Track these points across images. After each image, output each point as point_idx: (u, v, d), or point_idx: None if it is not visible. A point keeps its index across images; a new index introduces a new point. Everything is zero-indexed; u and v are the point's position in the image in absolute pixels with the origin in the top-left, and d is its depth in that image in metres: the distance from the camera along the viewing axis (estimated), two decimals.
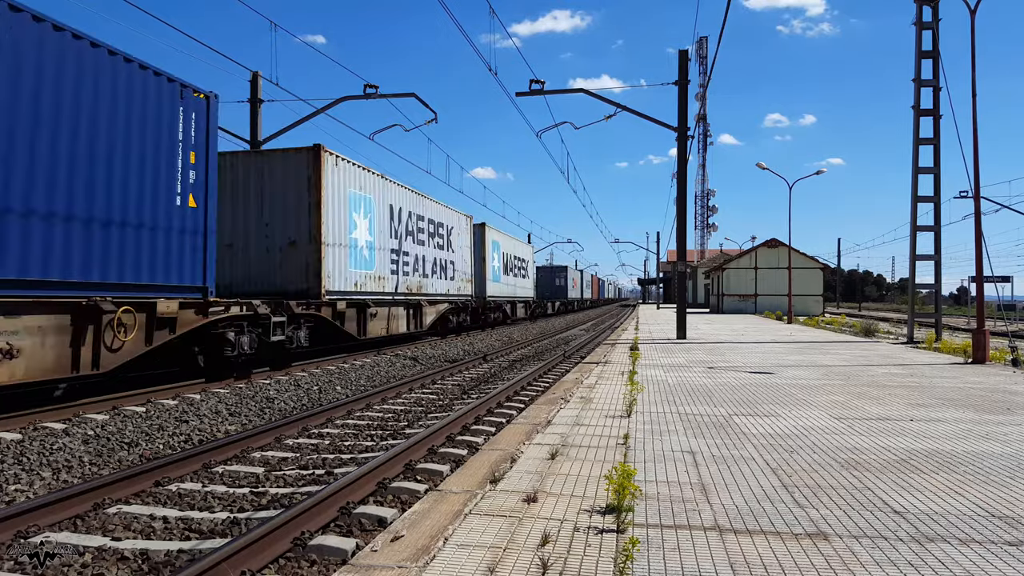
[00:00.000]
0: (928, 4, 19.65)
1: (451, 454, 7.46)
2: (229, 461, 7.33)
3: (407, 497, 5.93)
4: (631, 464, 5.55)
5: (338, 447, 8.06)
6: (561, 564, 3.58)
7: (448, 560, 3.67)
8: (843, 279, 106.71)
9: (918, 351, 17.78)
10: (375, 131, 24.87)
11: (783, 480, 5.19)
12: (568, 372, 13.83)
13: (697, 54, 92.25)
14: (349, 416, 10.00)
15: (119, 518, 5.43)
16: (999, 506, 4.58)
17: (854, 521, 4.24)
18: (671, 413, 8.10)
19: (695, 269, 75.47)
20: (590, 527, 4.15)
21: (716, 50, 17.70)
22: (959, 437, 6.81)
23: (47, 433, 8.24)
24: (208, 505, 5.83)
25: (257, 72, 20.89)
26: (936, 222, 20.84)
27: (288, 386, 12.48)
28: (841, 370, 12.78)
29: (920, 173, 20.25)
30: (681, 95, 21.27)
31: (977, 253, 15.26)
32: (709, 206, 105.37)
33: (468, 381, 13.91)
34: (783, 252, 48.64)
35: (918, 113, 19.98)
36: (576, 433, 6.99)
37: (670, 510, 4.48)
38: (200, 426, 9.16)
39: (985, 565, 3.57)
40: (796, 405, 8.70)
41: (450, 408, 10.69)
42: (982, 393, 9.85)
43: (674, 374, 12.06)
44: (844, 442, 6.52)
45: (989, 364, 14.12)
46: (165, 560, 4.59)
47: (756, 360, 14.71)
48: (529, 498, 4.72)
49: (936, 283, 21.86)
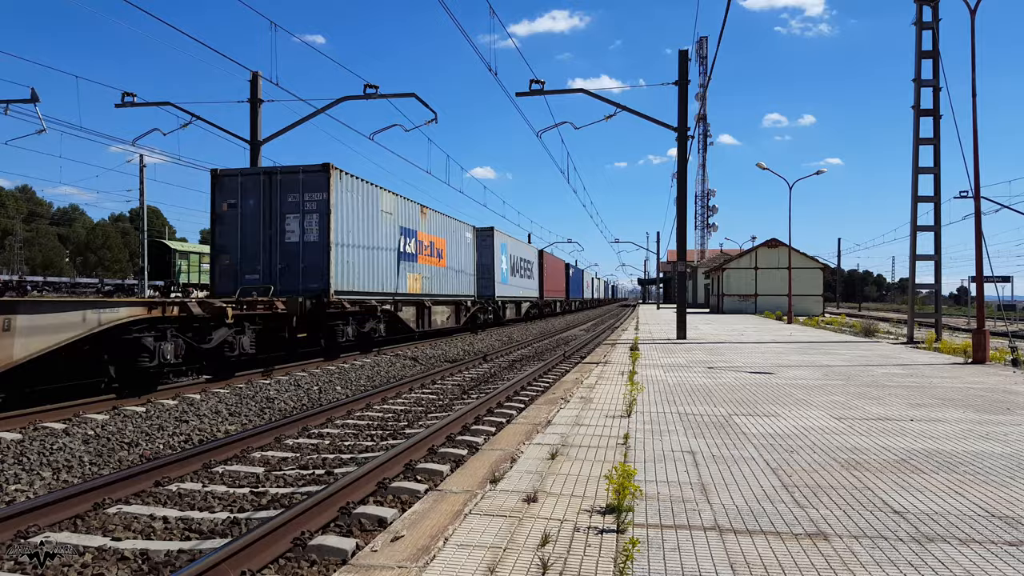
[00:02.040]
0: (928, 4, 19.65)
1: (451, 454, 7.45)
2: (229, 461, 7.33)
3: (407, 497, 5.93)
4: (631, 464, 5.55)
5: (338, 447, 8.06)
6: (561, 564, 3.58)
7: (448, 560, 3.67)
8: (843, 279, 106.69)
9: (918, 351, 17.78)
10: (375, 131, 24.88)
11: (783, 480, 5.19)
12: (568, 372, 13.83)
13: (697, 54, 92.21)
14: (349, 416, 10.00)
15: (119, 518, 5.44)
16: (999, 506, 4.58)
17: (854, 521, 4.24)
18: (671, 413, 8.09)
19: (695, 269, 75.47)
20: (590, 527, 4.15)
21: (716, 50, 17.71)
22: (959, 437, 6.81)
23: (47, 433, 8.25)
24: (208, 505, 5.83)
25: (257, 72, 20.90)
26: (936, 222, 20.85)
27: (288, 386, 12.49)
28: (841, 370, 12.78)
29: (920, 173, 20.25)
30: (681, 95, 21.26)
31: (977, 253, 15.26)
32: (709, 206, 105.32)
33: (468, 381, 13.91)
34: (783, 252, 48.64)
35: (918, 113, 19.98)
36: (576, 433, 6.99)
37: (670, 510, 4.48)
38: (200, 426, 9.16)
39: (985, 565, 3.57)
40: (796, 405, 8.70)
41: (450, 408, 10.69)
42: (982, 393, 9.85)
43: (674, 374, 12.06)
44: (844, 442, 6.52)
45: (989, 364, 14.12)
46: (165, 560, 4.59)
47: (756, 360, 14.71)
48: (529, 498, 4.72)
49: (936, 283, 21.86)
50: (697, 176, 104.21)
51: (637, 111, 21.87)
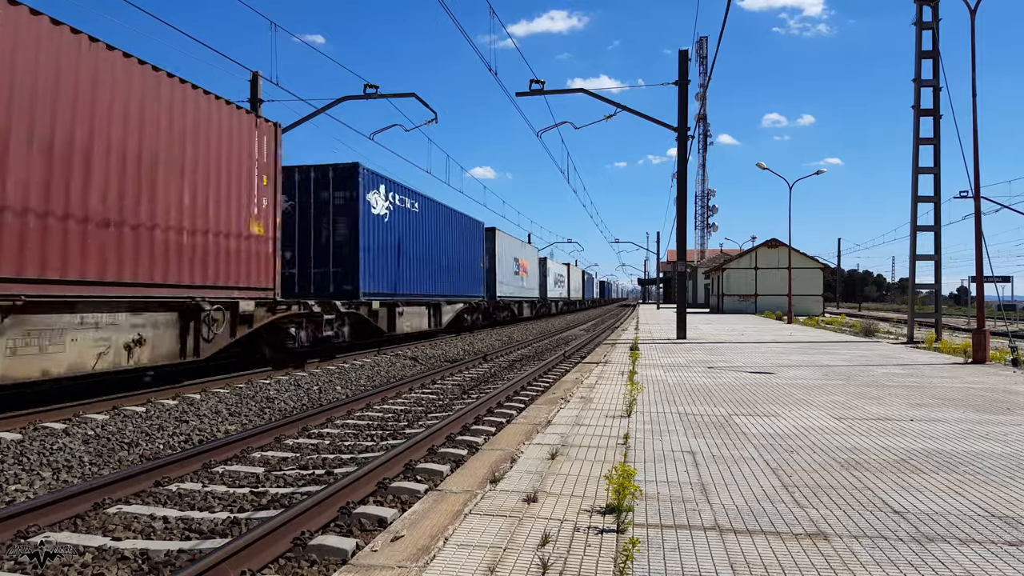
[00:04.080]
0: (928, 4, 19.64)
1: (451, 454, 7.45)
2: (229, 461, 7.33)
3: (407, 497, 5.93)
4: (631, 464, 5.55)
5: (338, 447, 8.06)
6: (561, 564, 3.58)
7: (448, 560, 3.67)
8: (843, 279, 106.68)
9: (918, 351, 17.78)
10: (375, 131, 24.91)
11: (783, 480, 5.19)
12: (568, 372, 13.83)
13: (697, 54, 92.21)
14: (349, 416, 9.99)
15: (119, 518, 5.43)
16: (999, 506, 4.58)
17: (854, 521, 4.24)
18: (671, 413, 8.09)
19: (695, 269, 75.46)
20: (590, 527, 4.15)
21: (716, 50, 17.71)
22: (959, 437, 6.81)
23: (47, 433, 8.24)
24: (208, 505, 5.83)
25: (257, 72, 20.87)
26: (936, 222, 20.84)
27: (288, 386, 12.48)
28: (841, 370, 12.78)
29: (920, 173, 20.25)
30: (681, 95, 21.26)
31: (977, 253, 15.25)
32: (709, 206, 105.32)
33: (468, 381, 13.91)
34: (783, 252, 48.66)
35: (918, 113, 19.97)
36: (576, 433, 6.99)
37: (670, 510, 4.48)
38: (200, 426, 9.16)
39: (985, 565, 3.57)
40: (796, 405, 8.70)
41: (450, 408, 10.69)
42: (982, 393, 9.85)
43: (674, 374, 12.06)
44: (844, 442, 6.52)
45: (989, 364, 14.12)
46: (165, 560, 4.59)
47: (756, 360, 14.70)
48: (529, 498, 4.72)
49: (936, 283, 21.86)
50: (697, 176, 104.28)
51: (637, 111, 21.88)
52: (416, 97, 21.37)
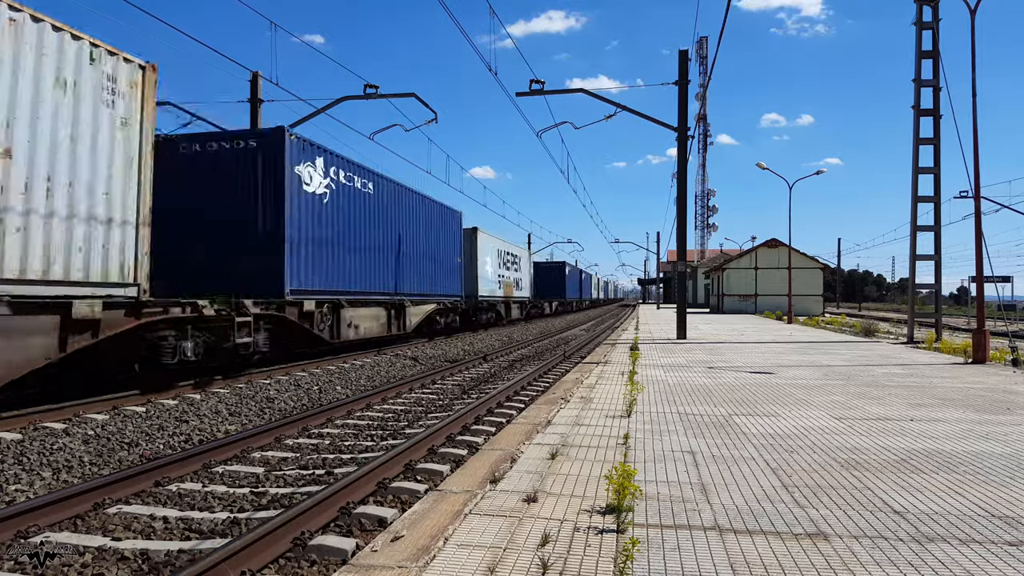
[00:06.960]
0: (928, 4, 19.64)
1: (451, 454, 7.45)
2: (229, 461, 7.33)
3: (407, 497, 5.93)
4: (631, 464, 5.55)
5: (338, 447, 8.06)
6: (561, 564, 3.58)
7: (448, 560, 3.67)
8: (843, 279, 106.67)
9: (918, 351, 17.77)
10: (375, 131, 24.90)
11: (783, 480, 5.19)
12: (568, 372, 13.83)
13: (697, 54, 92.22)
14: (349, 416, 9.99)
15: (119, 518, 5.43)
16: (999, 506, 4.58)
17: (854, 521, 4.24)
18: (671, 413, 8.09)
19: (695, 269, 75.46)
20: (590, 527, 4.15)
21: (716, 50, 17.71)
22: (959, 437, 6.81)
23: (47, 433, 8.25)
24: (208, 505, 5.83)
25: (257, 72, 20.88)
26: (936, 222, 20.84)
27: (288, 386, 12.49)
28: (841, 370, 12.78)
29: (920, 173, 20.25)
30: (681, 95, 21.26)
31: (977, 253, 15.25)
32: (709, 206, 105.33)
33: (468, 381, 13.91)
34: (783, 252, 48.65)
35: (918, 113, 19.98)
36: (576, 433, 6.99)
37: (670, 510, 4.48)
38: (200, 426, 9.16)
39: (985, 565, 3.57)
40: (796, 405, 8.70)
41: (450, 408, 10.69)
42: (982, 393, 9.85)
43: (674, 374, 12.06)
44: (844, 442, 6.52)
45: (989, 364, 14.12)
46: (165, 560, 4.59)
47: (756, 360, 14.70)
48: (529, 498, 4.72)
49: (936, 283, 21.86)
50: (697, 176, 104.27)
51: (637, 111, 21.88)
52: (416, 97, 21.38)
